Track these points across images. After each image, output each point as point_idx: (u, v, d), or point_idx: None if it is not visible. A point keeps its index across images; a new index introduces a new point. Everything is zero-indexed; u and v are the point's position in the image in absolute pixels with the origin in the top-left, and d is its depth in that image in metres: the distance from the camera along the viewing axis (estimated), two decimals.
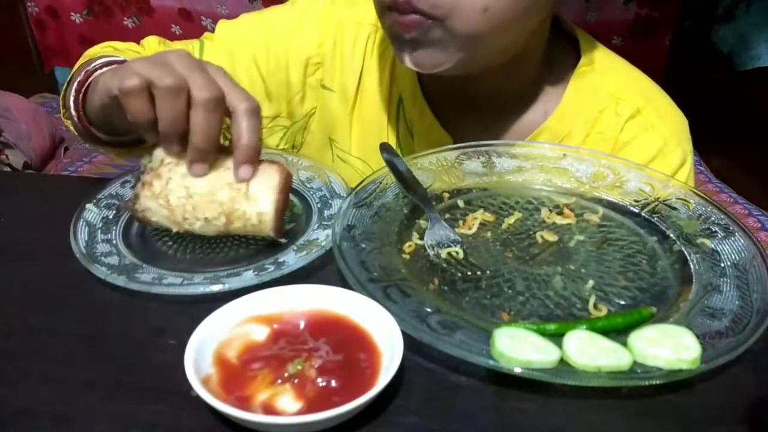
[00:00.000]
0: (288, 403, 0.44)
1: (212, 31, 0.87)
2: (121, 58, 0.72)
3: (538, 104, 0.81)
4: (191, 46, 0.85)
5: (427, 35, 0.66)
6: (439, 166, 0.70)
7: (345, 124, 0.86)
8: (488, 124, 0.80)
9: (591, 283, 0.56)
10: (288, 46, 0.84)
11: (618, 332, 0.50)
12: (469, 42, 0.66)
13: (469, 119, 0.81)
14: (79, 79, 0.70)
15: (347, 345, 0.48)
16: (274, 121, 0.87)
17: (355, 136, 0.86)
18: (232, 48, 0.84)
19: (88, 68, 0.70)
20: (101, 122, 0.70)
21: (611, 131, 0.79)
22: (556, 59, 0.80)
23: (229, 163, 0.59)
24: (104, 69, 0.70)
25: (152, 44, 0.86)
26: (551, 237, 0.62)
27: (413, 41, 0.67)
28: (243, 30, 0.86)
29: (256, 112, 0.58)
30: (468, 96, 0.80)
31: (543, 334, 0.49)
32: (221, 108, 0.57)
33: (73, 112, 0.70)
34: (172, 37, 1.39)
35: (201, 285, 0.56)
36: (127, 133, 0.72)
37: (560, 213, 0.65)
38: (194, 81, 0.56)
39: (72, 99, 0.70)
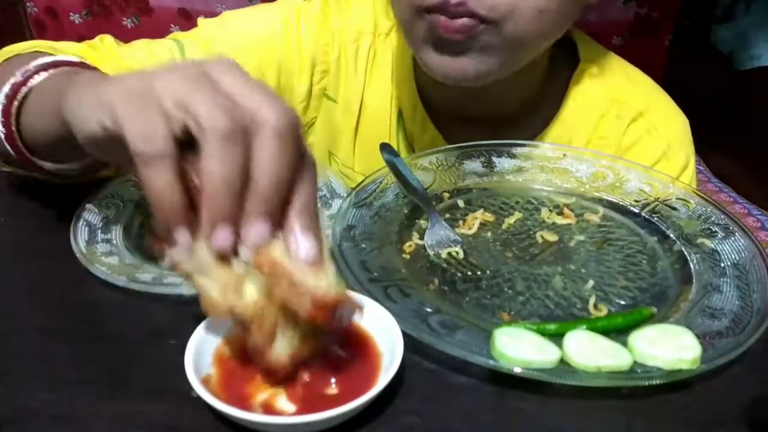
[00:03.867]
0: (288, 403, 0.44)
1: None
2: (75, 59, 0.55)
3: (538, 112, 0.80)
4: (167, 46, 0.74)
5: (476, 40, 0.62)
6: (439, 166, 0.70)
7: (348, 138, 0.83)
8: (489, 135, 0.77)
9: (591, 283, 0.56)
10: (287, 55, 0.78)
11: (618, 332, 0.50)
12: (517, 46, 0.64)
13: (469, 131, 0.79)
14: (13, 81, 0.52)
15: (347, 345, 0.48)
16: None
17: (358, 151, 0.84)
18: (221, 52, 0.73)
19: (25, 68, 0.52)
20: (46, 148, 0.54)
21: (613, 135, 0.78)
22: (556, 64, 0.79)
23: None
24: (47, 73, 0.52)
25: (107, 43, 0.71)
26: (551, 237, 0.62)
27: (457, 47, 0.63)
28: (231, 34, 0.77)
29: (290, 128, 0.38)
30: (472, 107, 0.78)
31: (543, 334, 0.49)
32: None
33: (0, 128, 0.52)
34: None
35: None
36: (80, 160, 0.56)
37: (560, 213, 0.65)
38: (247, 101, 0.38)
39: None
